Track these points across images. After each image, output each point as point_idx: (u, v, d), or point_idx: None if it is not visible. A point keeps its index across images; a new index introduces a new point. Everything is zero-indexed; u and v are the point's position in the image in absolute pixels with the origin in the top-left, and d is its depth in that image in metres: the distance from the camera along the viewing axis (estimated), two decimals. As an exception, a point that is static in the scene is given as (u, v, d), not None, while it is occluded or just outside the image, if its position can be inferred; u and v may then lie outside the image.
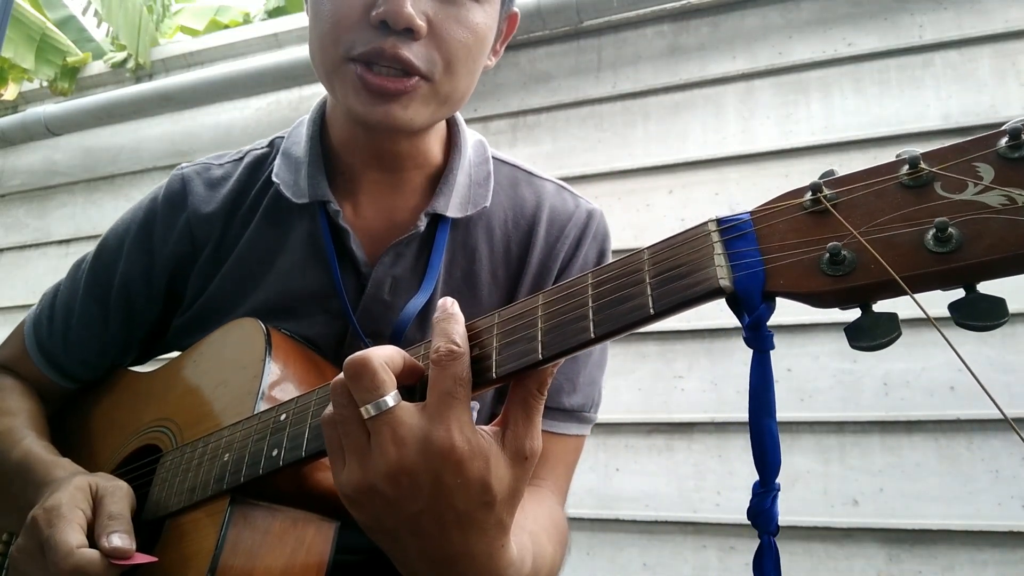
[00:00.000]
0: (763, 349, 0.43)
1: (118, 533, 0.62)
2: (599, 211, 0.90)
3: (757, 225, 0.43)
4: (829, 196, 0.41)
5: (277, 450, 0.59)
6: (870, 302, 0.40)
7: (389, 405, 0.47)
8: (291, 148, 0.87)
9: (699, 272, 0.42)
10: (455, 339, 0.49)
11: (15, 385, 0.91)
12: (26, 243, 2.71)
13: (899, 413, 1.57)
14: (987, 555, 1.45)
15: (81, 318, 0.89)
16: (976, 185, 0.37)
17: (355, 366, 0.48)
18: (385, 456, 0.47)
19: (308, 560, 0.63)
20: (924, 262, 0.37)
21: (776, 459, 0.43)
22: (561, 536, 0.73)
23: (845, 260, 0.39)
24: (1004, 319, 0.37)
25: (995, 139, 0.38)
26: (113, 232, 0.91)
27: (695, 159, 1.87)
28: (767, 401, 0.43)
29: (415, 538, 0.49)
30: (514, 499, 0.50)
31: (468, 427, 0.47)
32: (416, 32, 0.70)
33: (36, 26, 2.81)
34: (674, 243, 0.45)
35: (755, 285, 0.41)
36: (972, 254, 0.36)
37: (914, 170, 0.39)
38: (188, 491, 0.66)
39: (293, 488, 0.63)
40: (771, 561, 0.44)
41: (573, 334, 0.46)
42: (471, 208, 0.83)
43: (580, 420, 0.83)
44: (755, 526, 0.45)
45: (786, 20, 1.89)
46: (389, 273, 0.80)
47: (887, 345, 0.39)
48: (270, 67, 2.32)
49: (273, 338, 0.72)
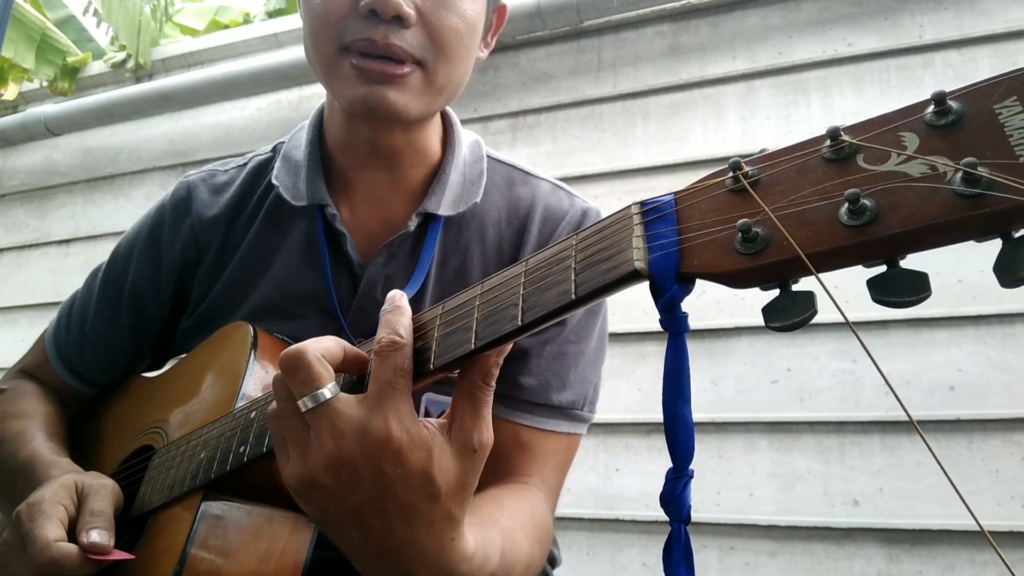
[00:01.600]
0: (677, 332, 0.42)
1: (97, 529, 0.63)
2: (595, 209, 0.90)
3: (679, 206, 0.42)
4: (749, 173, 0.40)
5: (244, 447, 0.60)
6: (788, 281, 0.38)
7: (326, 397, 0.47)
8: (291, 152, 0.89)
9: (618, 255, 0.42)
10: (399, 330, 0.49)
11: (35, 390, 0.94)
12: (26, 243, 2.71)
13: (899, 413, 1.56)
14: (987, 555, 1.45)
15: (95, 324, 0.92)
16: (899, 155, 0.36)
17: (290, 359, 0.48)
18: (324, 448, 0.47)
19: (284, 558, 0.63)
20: (837, 236, 0.35)
21: (689, 444, 0.42)
22: (542, 534, 0.72)
23: (757, 237, 0.37)
24: (924, 294, 0.35)
25: (922, 107, 0.36)
26: (124, 240, 0.94)
27: (695, 159, 1.87)
28: (680, 384, 0.42)
29: (361, 530, 0.49)
30: (463, 492, 0.49)
31: (408, 417, 0.47)
32: (405, 20, 0.71)
33: (36, 26, 2.81)
34: (600, 227, 0.45)
35: (669, 266, 0.40)
36: (888, 226, 0.34)
37: (835, 143, 0.37)
38: (168, 488, 0.67)
39: (268, 485, 0.63)
40: (681, 550, 0.43)
41: (503, 322, 0.46)
42: (463, 205, 0.84)
43: (571, 418, 0.83)
44: (666, 513, 0.44)
45: (786, 20, 1.89)
46: (382, 273, 0.81)
47: (801, 324, 0.37)
48: (270, 67, 2.32)
49: (260, 340, 0.74)
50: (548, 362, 0.81)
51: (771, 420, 1.64)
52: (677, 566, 0.43)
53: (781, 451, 1.61)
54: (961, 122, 0.35)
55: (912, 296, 0.35)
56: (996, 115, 0.34)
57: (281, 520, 0.64)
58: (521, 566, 0.64)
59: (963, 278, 1.58)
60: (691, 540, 0.44)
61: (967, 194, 0.33)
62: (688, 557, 0.44)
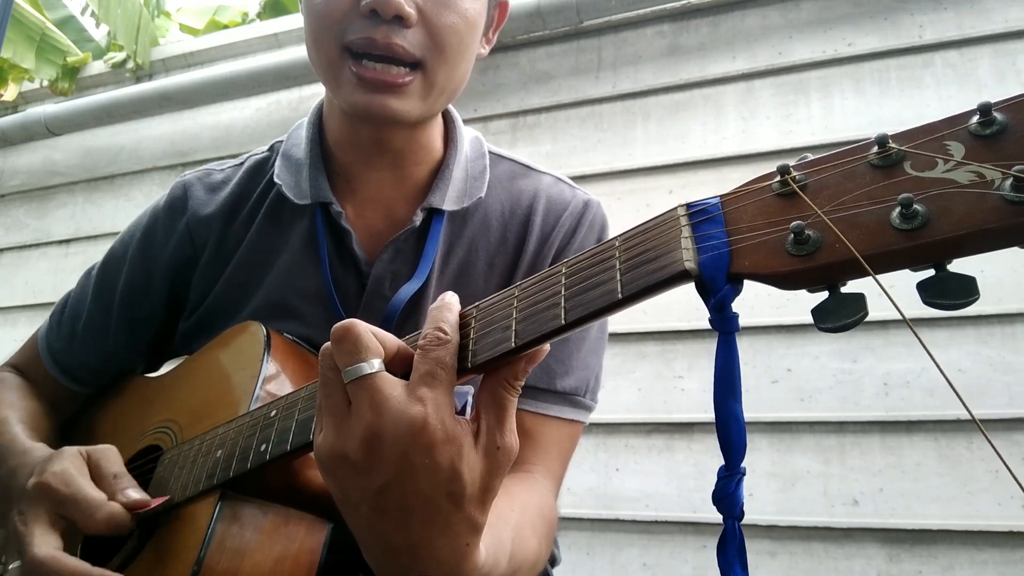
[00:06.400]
0: (728, 331, 0.43)
1: (131, 488, 0.66)
2: (596, 201, 0.91)
3: (726, 208, 0.43)
4: (797, 178, 0.40)
5: (265, 445, 0.59)
6: (837, 283, 0.39)
7: (371, 370, 0.47)
8: (291, 150, 0.88)
9: (666, 256, 0.42)
10: (444, 327, 0.49)
11: (20, 384, 0.93)
12: (26, 243, 2.71)
13: (899, 413, 1.56)
14: (987, 555, 1.45)
15: (87, 323, 0.92)
16: (946, 162, 0.36)
17: (340, 330, 0.48)
18: (361, 421, 0.47)
19: (298, 559, 0.63)
20: (889, 240, 0.36)
21: (741, 442, 0.43)
22: (548, 528, 0.72)
23: (809, 240, 0.38)
24: (974, 297, 0.36)
25: (966, 117, 0.37)
26: (119, 240, 0.94)
27: (695, 159, 1.87)
28: (732, 383, 0.43)
29: (378, 517, 0.48)
30: (485, 495, 0.49)
31: (446, 410, 0.47)
32: (406, 19, 0.71)
33: (36, 26, 2.81)
34: (645, 229, 0.45)
35: (720, 267, 0.41)
36: (939, 230, 0.35)
37: (883, 149, 0.38)
38: (182, 487, 0.67)
39: (285, 485, 0.63)
40: (735, 546, 0.44)
41: (545, 321, 0.46)
42: (467, 200, 0.85)
43: (574, 404, 0.83)
44: (719, 510, 0.44)
45: (786, 20, 1.89)
46: (389, 269, 0.82)
47: (853, 326, 0.38)
48: (270, 67, 2.32)
49: (273, 340, 0.74)
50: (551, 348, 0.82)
51: (771, 420, 1.64)
52: (732, 563, 0.44)
53: (781, 451, 1.61)
54: (1005, 132, 0.36)
55: (963, 298, 0.36)
56: None
57: (297, 521, 0.64)
58: (528, 564, 0.64)
59: (963, 278, 1.58)
60: (691, 540, 0.44)
61: (1016, 200, 0.34)
62: (742, 553, 0.44)
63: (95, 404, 0.96)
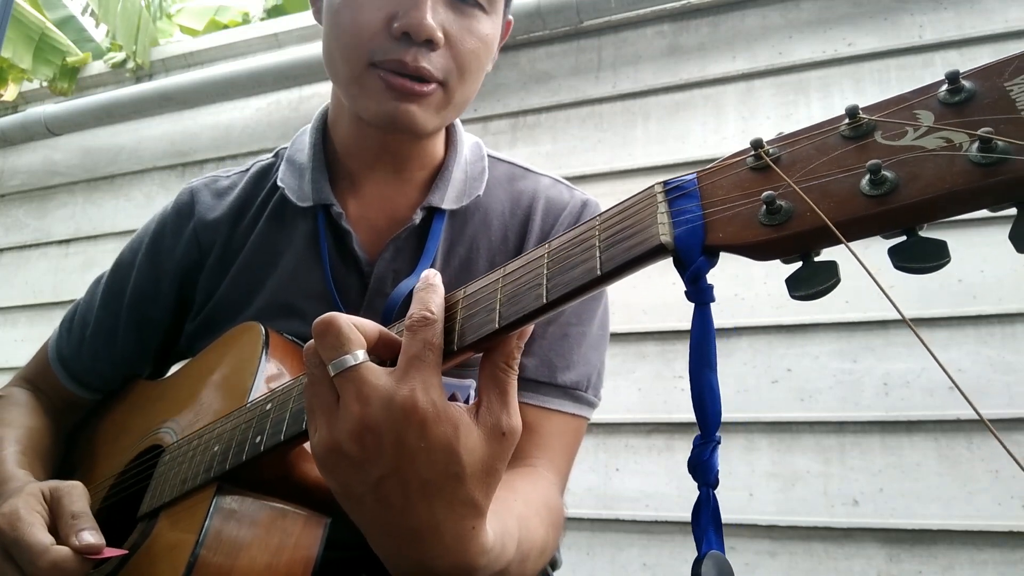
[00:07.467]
0: (703, 302, 0.43)
1: (86, 530, 0.63)
2: (595, 201, 0.93)
3: (701, 184, 0.43)
4: (771, 152, 0.41)
5: (260, 436, 0.60)
6: (810, 252, 0.40)
7: (353, 362, 0.48)
8: (295, 155, 0.91)
9: (644, 231, 0.43)
10: (430, 307, 0.50)
11: (28, 401, 0.94)
12: (26, 243, 2.71)
13: (899, 413, 1.57)
14: (987, 555, 1.45)
15: (95, 329, 0.94)
16: (916, 130, 0.37)
17: (321, 325, 0.49)
18: (350, 413, 0.47)
19: (295, 554, 0.63)
20: (859, 207, 0.37)
21: (716, 410, 0.43)
22: (555, 518, 0.72)
23: (781, 209, 0.39)
24: (945, 260, 0.36)
25: (935, 87, 0.38)
26: (128, 247, 0.96)
27: (695, 159, 1.87)
28: (707, 354, 0.44)
29: (381, 507, 0.48)
30: (489, 477, 0.49)
31: (435, 390, 0.47)
32: (435, 43, 0.75)
33: (35, 26, 2.81)
34: (624, 208, 0.46)
35: (695, 239, 0.42)
36: (908, 195, 0.36)
37: (853, 120, 0.39)
38: (180, 482, 0.67)
39: (282, 480, 0.63)
40: (709, 513, 0.45)
41: (527, 301, 0.47)
42: (466, 199, 0.87)
43: (576, 399, 0.83)
44: (694, 478, 0.45)
45: (786, 20, 1.89)
46: (390, 268, 0.83)
47: (825, 293, 0.39)
48: (270, 67, 2.32)
49: (271, 339, 0.74)
50: (551, 343, 0.82)
51: (771, 420, 1.64)
52: (706, 528, 0.44)
53: (781, 451, 1.61)
54: (973, 99, 0.36)
55: (934, 262, 0.36)
56: (1007, 92, 0.36)
57: (294, 515, 0.64)
58: (536, 553, 0.64)
59: (963, 278, 1.58)
60: (691, 540, 0.44)
61: (983, 162, 0.34)
62: (717, 520, 0.45)
63: (101, 409, 0.98)
